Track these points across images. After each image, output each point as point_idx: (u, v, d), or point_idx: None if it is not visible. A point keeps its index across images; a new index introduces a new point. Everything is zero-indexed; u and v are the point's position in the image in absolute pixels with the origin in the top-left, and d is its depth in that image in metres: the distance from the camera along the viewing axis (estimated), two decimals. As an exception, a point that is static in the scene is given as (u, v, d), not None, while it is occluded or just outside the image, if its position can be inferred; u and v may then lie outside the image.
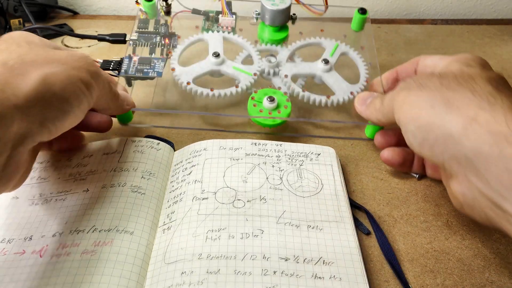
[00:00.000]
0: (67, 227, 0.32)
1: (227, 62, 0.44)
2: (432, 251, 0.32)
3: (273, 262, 0.30)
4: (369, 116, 0.37)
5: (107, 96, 0.34)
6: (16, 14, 0.55)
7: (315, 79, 0.45)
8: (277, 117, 0.40)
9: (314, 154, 0.39)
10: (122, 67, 0.42)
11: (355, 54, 0.47)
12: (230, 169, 0.37)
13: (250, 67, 0.44)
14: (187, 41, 0.46)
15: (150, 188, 0.35)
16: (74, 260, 0.29)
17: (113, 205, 0.33)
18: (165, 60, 0.44)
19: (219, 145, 0.39)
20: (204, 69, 0.43)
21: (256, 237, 0.31)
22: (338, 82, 0.43)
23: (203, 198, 0.34)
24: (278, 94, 0.42)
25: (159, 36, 0.46)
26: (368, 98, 0.38)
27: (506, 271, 0.31)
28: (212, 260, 0.30)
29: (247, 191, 0.35)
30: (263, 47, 0.47)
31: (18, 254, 0.30)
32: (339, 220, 0.33)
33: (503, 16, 0.72)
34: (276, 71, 0.44)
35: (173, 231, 0.32)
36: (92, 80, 0.30)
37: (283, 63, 0.45)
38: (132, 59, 0.43)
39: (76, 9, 0.69)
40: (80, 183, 0.35)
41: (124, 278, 0.28)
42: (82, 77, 0.30)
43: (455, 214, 0.35)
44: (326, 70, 0.44)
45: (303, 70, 0.44)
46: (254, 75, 0.43)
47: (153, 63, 0.43)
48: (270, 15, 0.45)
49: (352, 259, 0.31)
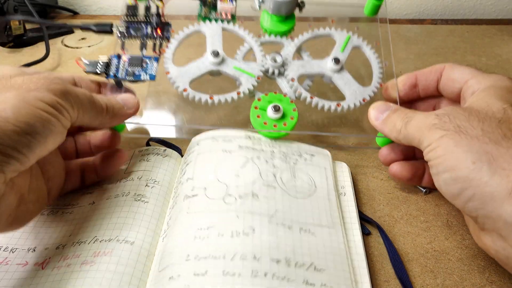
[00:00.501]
0: (70, 240, 0.31)
1: (227, 61, 0.40)
2: (432, 251, 0.32)
3: (264, 264, 0.27)
4: (386, 134, 0.34)
5: (90, 112, 0.30)
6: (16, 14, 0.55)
7: (324, 78, 0.41)
8: (283, 130, 0.37)
9: (308, 155, 0.37)
10: (110, 69, 0.38)
11: (368, 49, 0.42)
12: (222, 162, 0.35)
13: (252, 66, 0.40)
14: (182, 34, 0.41)
15: (154, 196, 0.34)
16: (74, 271, 0.29)
17: (115, 214, 0.32)
18: (158, 59, 0.39)
19: (212, 136, 0.37)
20: (202, 70, 0.39)
21: (247, 236, 0.29)
22: (349, 84, 0.40)
23: (193, 196, 0.33)
24: (284, 102, 0.38)
25: (150, 27, 0.41)
26: (385, 111, 0.34)
27: (506, 271, 0.31)
28: (199, 261, 0.27)
29: (238, 186, 0.33)
30: (266, 39, 0.42)
31: (21, 265, 0.30)
32: (331, 226, 0.32)
33: (503, 16, 0.72)
34: (281, 71, 0.40)
35: (168, 237, 0.31)
36: (60, 99, 0.27)
37: (289, 60, 0.40)
38: (121, 59, 0.39)
39: (76, 9, 0.69)
40: (86, 197, 0.35)
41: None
42: (43, 97, 0.26)
43: (455, 214, 0.35)
44: (337, 70, 0.40)
45: (311, 70, 0.40)
46: (257, 79, 0.39)
47: (144, 63, 0.39)
48: (275, 5, 0.40)
49: (343, 268, 0.29)
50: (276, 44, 0.42)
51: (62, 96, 0.27)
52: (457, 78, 0.34)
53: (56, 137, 0.27)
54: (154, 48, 0.40)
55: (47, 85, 0.27)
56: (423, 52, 0.58)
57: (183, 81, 0.38)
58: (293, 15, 0.42)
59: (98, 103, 0.31)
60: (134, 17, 0.40)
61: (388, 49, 0.41)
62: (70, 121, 0.28)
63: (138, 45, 0.40)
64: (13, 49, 0.55)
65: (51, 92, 0.27)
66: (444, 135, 0.28)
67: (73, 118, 0.29)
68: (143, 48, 0.39)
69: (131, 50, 0.40)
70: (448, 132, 0.28)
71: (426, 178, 0.36)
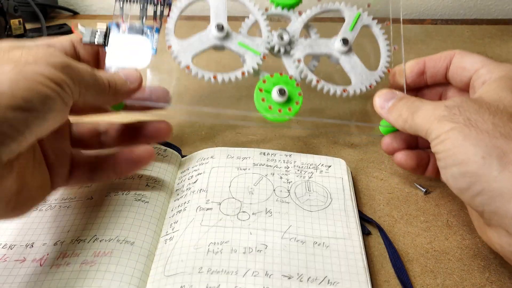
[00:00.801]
0: (68, 236, 0.31)
1: (232, 36, 0.37)
2: (432, 251, 0.32)
3: (275, 280, 0.28)
4: (392, 122, 0.33)
5: (92, 88, 0.28)
6: (16, 14, 0.55)
7: (330, 59, 0.40)
8: (287, 116, 0.36)
9: (324, 166, 0.38)
10: (108, 39, 0.34)
11: (378, 29, 0.40)
12: (237, 179, 0.36)
13: (257, 42, 0.38)
14: (184, 1, 0.38)
15: (155, 196, 0.34)
16: (73, 270, 0.28)
17: (116, 214, 0.32)
18: (159, 30, 0.36)
19: (226, 154, 0.38)
20: (206, 44, 0.37)
21: (259, 252, 0.30)
22: (355, 68, 0.38)
23: (207, 209, 0.33)
24: (290, 85, 0.36)
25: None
26: (391, 99, 0.33)
27: (506, 271, 0.31)
28: (212, 274, 0.28)
29: (252, 203, 0.34)
30: (273, 11, 0.40)
31: (19, 261, 0.30)
32: (347, 237, 0.32)
33: (503, 16, 0.72)
34: (287, 49, 0.38)
35: (174, 241, 0.31)
36: (61, 74, 0.25)
37: (296, 38, 0.38)
38: (121, 28, 0.35)
39: (76, 9, 0.69)
40: (85, 191, 0.35)
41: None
42: (43, 71, 0.24)
43: (455, 214, 0.35)
44: (344, 51, 0.38)
45: (318, 50, 0.39)
46: (263, 58, 0.37)
47: (145, 34, 0.36)
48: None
49: (359, 279, 0.29)
50: (284, 18, 0.40)
51: (63, 70, 0.26)
52: (467, 66, 0.33)
53: (56, 115, 0.25)
54: (154, 16, 0.36)
55: (46, 58, 0.25)
56: (423, 52, 0.57)
57: (185, 56, 0.36)
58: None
59: (100, 79, 0.29)
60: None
61: (398, 32, 0.39)
62: (72, 98, 0.26)
63: (138, 11, 0.36)
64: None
65: (51, 65, 0.25)
66: (453, 127, 0.27)
67: (75, 94, 0.27)
68: (143, 17, 0.36)
69: (130, 18, 0.36)
70: (458, 125, 0.27)
71: (430, 168, 0.35)
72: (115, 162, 0.33)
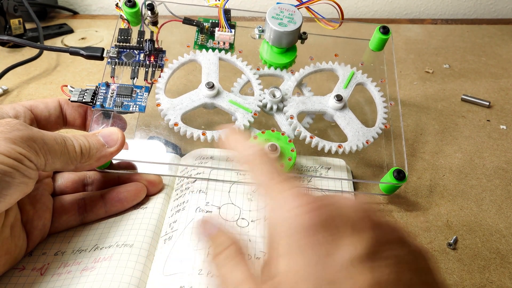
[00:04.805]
0: (70, 247, 0.31)
1: (222, 94, 0.37)
2: (432, 251, 0.32)
3: None
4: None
5: (60, 158, 0.27)
6: (16, 14, 0.55)
7: (325, 116, 0.38)
8: None
9: (324, 169, 0.38)
10: (97, 98, 0.35)
11: (373, 86, 0.39)
12: (236, 184, 0.36)
13: (249, 100, 0.37)
14: (176, 63, 0.38)
15: (153, 199, 0.34)
16: (74, 277, 0.29)
17: (116, 223, 0.32)
18: (149, 89, 0.36)
19: (226, 156, 0.38)
20: (196, 102, 0.36)
21: (258, 260, 0.30)
22: (351, 124, 0.37)
23: (206, 211, 0.33)
24: (282, 141, 0.35)
25: (144, 54, 0.37)
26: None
27: (506, 271, 0.31)
28: (212, 277, 0.28)
29: (251, 210, 0.34)
30: (265, 71, 0.39)
31: (18, 269, 0.29)
32: None
33: (503, 16, 0.72)
34: (280, 107, 0.37)
35: (174, 241, 0.31)
36: (22, 148, 0.25)
37: (289, 95, 0.38)
38: (110, 88, 0.35)
39: (76, 9, 0.69)
40: None
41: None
42: (2, 149, 0.24)
43: (455, 214, 0.35)
44: (339, 108, 0.37)
45: (312, 107, 0.37)
46: (254, 115, 0.36)
47: (134, 93, 0.35)
48: (276, 36, 0.37)
49: None
50: (276, 77, 0.40)
51: (23, 144, 0.25)
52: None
53: (18, 188, 0.25)
54: (145, 76, 0.37)
55: (6, 133, 0.25)
56: (423, 52, 0.58)
57: (174, 114, 0.35)
58: (294, 47, 0.40)
59: (71, 148, 0.28)
60: (126, 42, 0.37)
61: (394, 87, 0.38)
62: (37, 169, 0.26)
63: (129, 72, 0.37)
64: (13, 49, 0.55)
65: (9, 141, 0.25)
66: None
67: (40, 166, 0.26)
68: (134, 77, 0.36)
69: (121, 78, 0.37)
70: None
71: None
72: (104, 202, 0.33)
